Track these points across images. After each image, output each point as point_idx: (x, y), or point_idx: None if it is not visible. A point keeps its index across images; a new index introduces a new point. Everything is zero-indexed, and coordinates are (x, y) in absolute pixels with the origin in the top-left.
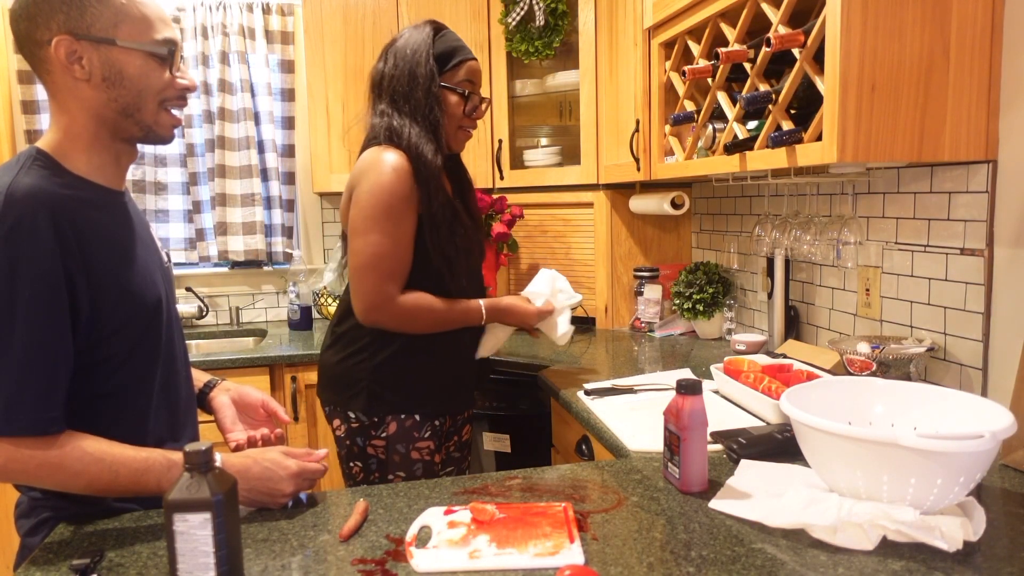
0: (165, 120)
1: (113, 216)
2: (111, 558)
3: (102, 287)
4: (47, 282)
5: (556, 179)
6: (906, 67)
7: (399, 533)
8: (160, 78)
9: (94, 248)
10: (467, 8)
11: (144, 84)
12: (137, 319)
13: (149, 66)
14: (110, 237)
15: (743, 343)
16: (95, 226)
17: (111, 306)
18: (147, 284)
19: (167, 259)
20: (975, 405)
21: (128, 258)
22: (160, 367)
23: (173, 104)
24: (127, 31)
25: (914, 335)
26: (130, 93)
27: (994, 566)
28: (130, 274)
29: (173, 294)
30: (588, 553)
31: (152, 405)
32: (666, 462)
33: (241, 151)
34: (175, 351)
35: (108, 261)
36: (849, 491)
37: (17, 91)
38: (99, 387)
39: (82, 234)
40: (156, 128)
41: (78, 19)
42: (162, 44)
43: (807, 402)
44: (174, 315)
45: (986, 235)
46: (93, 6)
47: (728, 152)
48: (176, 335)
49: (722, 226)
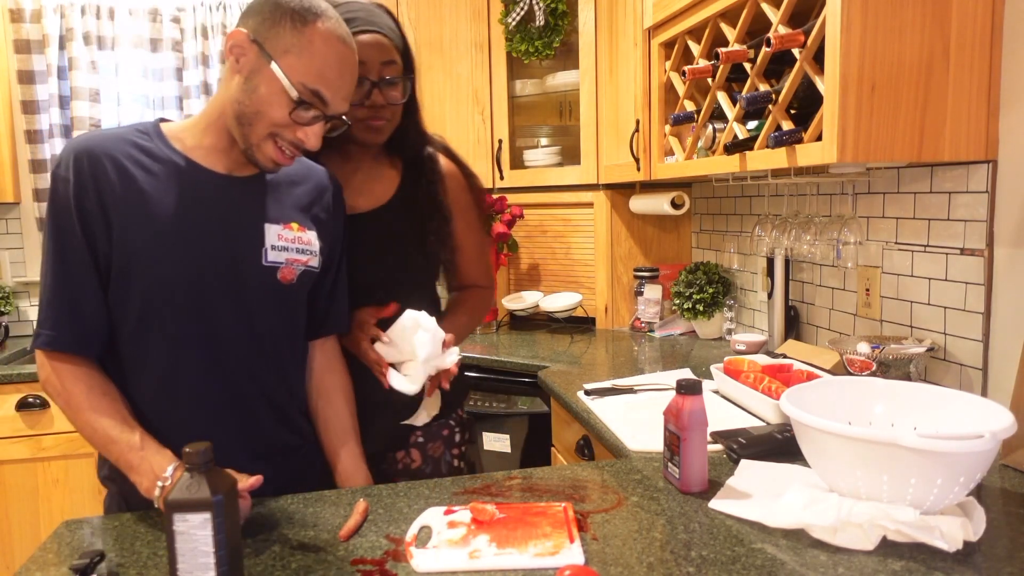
0: (268, 149)
1: (179, 184)
2: (111, 558)
3: (120, 231)
4: (63, 215)
5: (556, 179)
6: (906, 67)
7: (399, 533)
8: (281, 113)
9: (116, 194)
10: (467, 8)
11: (265, 108)
12: (155, 281)
13: (279, 99)
14: (148, 196)
15: (743, 343)
16: (130, 179)
17: (127, 257)
18: (170, 257)
19: (264, 258)
20: (975, 405)
21: (156, 222)
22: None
23: (283, 144)
24: (289, 62)
25: (914, 335)
26: (252, 107)
27: (994, 566)
28: (151, 237)
29: (251, 291)
30: (588, 553)
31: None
32: (666, 462)
33: None
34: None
35: (129, 213)
36: (849, 491)
37: (17, 91)
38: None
39: (105, 176)
40: (255, 151)
41: (266, 29)
42: (306, 92)
43: (807, 402)
44: (236, 304)
45: (986, 235)
46: (283, 27)
47: (728, 152)
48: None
49: (722, 226)
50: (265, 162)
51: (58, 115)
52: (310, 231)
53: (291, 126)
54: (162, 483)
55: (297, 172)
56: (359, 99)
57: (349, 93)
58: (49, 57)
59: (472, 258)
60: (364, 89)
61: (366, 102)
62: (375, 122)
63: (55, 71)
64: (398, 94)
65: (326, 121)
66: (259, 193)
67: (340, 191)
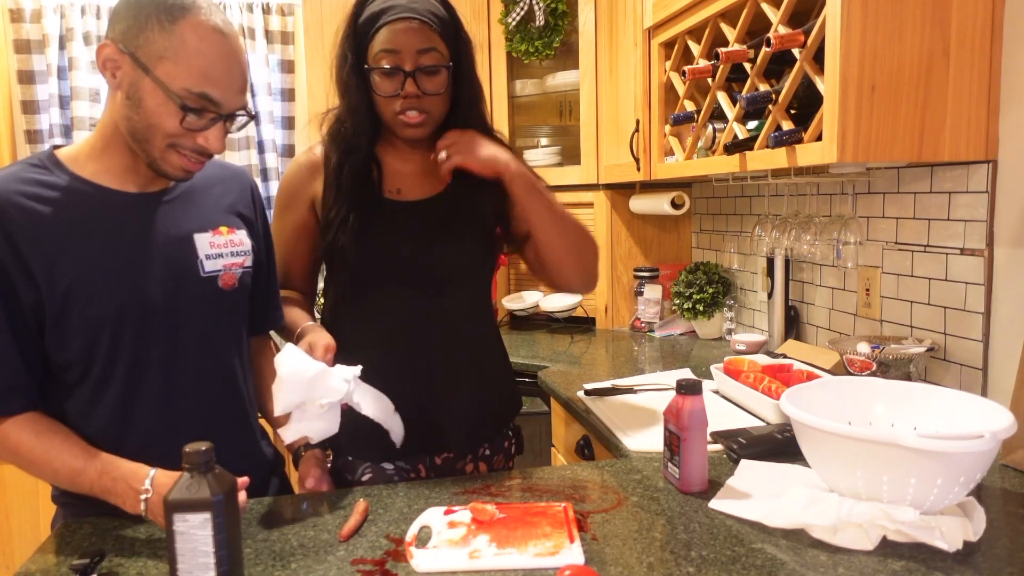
0: (173, 160)
1: (102, 215)
2: (111, 558)
3: (46, 275)
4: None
5: (556, 179)
6: (906, 67)
7: (399, 533)
8: (173, 124)
9: (30, 239)
10: (467, 8)
11: (155, 121)
12: (96, 316)
13: (167, 108)
14: (66, 232)
15: (743, 343)
16: (40, 218)
17: (60, 298)
18: (112, 289)
19: (202, 270)
20: (975, 405)
21: (84, 257)
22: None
23: (186, 152)
24: (166, 69)
25: (914, 335)
26: (142, 121)
27: (994, 566)
28: (84, 272)
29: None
30: (588, 553)
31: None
32: (666, 462)
33: (241, 151)
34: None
35: (51, 253)
36: (849, 491)
37: (17, 91)
38: (68, 379)
39: (20, 227)
40: (161, 164)
41: (133, 35)
42: (192, 97)
43: (807, 402)
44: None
45: (986, 235)
46: (152, 31)
47: (728, 152)
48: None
49: (722, 226)
50: (176, 172)
51: (58, 115)
52: (239, 231)
53: (187, 134)
54: (145, 495)
55: (212, 174)
56: (393, 91)
57: (242, 84)
58: (49, 57)
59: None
60: (398, 80)
61: (400, 92)
62: (409, 117)
63: (55, 71)
64: (437, 84)
65: (225, 120)
66: (179, 205)
67: (257, 187)
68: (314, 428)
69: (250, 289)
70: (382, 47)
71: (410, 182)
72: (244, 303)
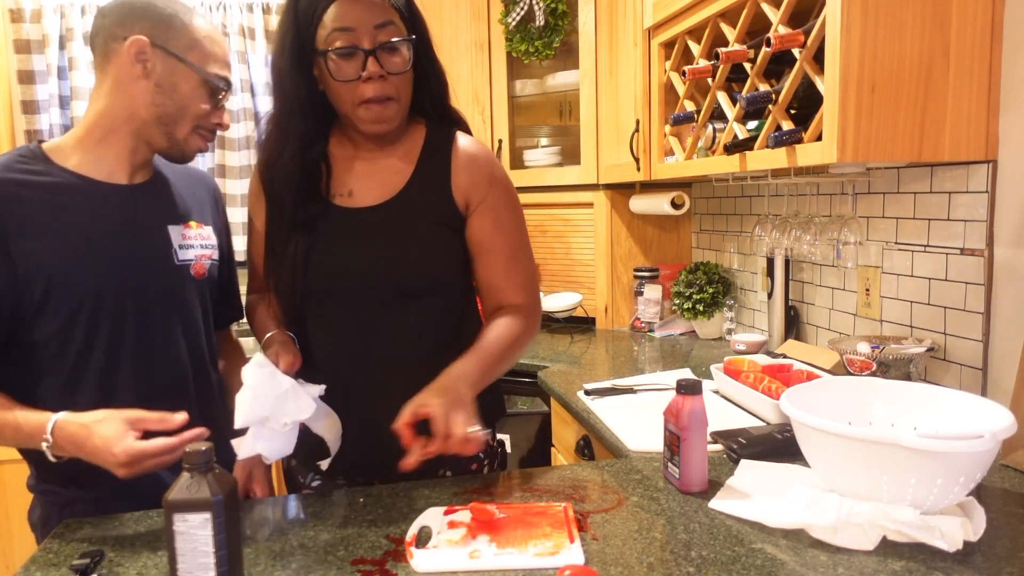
0: (194, 142)
1: (84, 204)
2: (111, 558)
3: (25, 266)
4: None
5: (556, 179)
6: (906, 67)
7: (399, 533)
8: (204, 104)
9: (13, 226)
10: (467, 8)
11: (189, 102)
12: (70, 302)
13: (200, 91)
14: (51, 219)
15: (743, 343)
16: (31, 210)
17: (36, 285)
18: (93, 271)
19: (176, 258)
20: (975, 405)
21: (71, 243)
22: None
23: (205, 132)
24: (197, 56)
25: (914, 335)
26: (174, 105)
27: (994, 566)
28: (69, 256)
29: (172, 291)
30: (588, 553)
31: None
32: (666, 462)
33: (241, 151)
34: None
35: (36, 240)
36: (849, 491)
37: (17, 91)
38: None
39: (6, 213)
40: (183, 145)
41: (161, 32)
42: (219, 79)
43: (807, 402)
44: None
45: (986, 235)
46: (176, 27)
47: (728, 152)
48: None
49: (722, 226)
50: (191, 153)
51: (58, 115)
52: (206, 226)
53: (211, 113)
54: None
55: (179, 173)
56: (353, 74)
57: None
58: (49, 57)
59: (498, 267)
60: (358, 61)
61: (362, 75)
62: (375, 103)
63: (55, 71)
64: (401, 61)
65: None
66: (155, 197)
67: (219, 188)
68: (271, 448)
69: (216, 282)
70: (335, 26)
71: (363, 183)
72: (214, 292)
